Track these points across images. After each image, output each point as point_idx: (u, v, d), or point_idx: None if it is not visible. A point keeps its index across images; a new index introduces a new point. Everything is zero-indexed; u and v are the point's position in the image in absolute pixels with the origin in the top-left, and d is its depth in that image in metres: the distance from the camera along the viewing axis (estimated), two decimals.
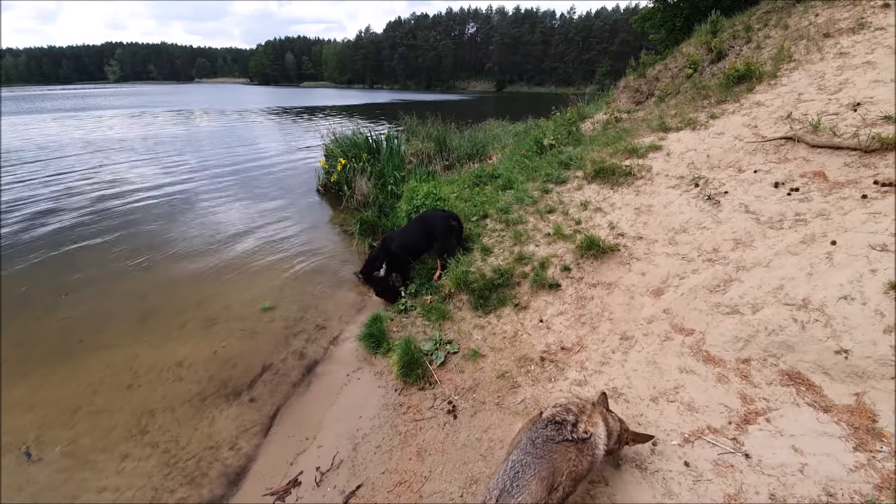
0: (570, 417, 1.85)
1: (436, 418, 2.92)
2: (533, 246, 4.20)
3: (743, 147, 4.24)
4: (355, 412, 3.15)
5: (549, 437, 1.75)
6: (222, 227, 7.33)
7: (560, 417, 1.84)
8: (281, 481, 2.67)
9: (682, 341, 2.81)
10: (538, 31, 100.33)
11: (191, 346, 4.17)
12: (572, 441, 1.75)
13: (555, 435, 1.76)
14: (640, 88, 7.61)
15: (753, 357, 2.53)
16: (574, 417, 1.86)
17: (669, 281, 3.30)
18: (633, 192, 4.44)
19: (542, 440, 1.74)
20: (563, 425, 1.80)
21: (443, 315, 3.93)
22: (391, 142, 9.39)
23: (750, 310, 2.74)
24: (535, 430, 1.80)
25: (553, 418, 1.84)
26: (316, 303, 4.89)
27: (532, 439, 1.74)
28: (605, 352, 2.98)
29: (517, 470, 1.62)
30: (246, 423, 3.21)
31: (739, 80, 5.29)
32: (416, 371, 3.28)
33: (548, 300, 3.65)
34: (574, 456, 1.72)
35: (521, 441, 1.76)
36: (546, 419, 1.85)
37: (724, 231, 3.47)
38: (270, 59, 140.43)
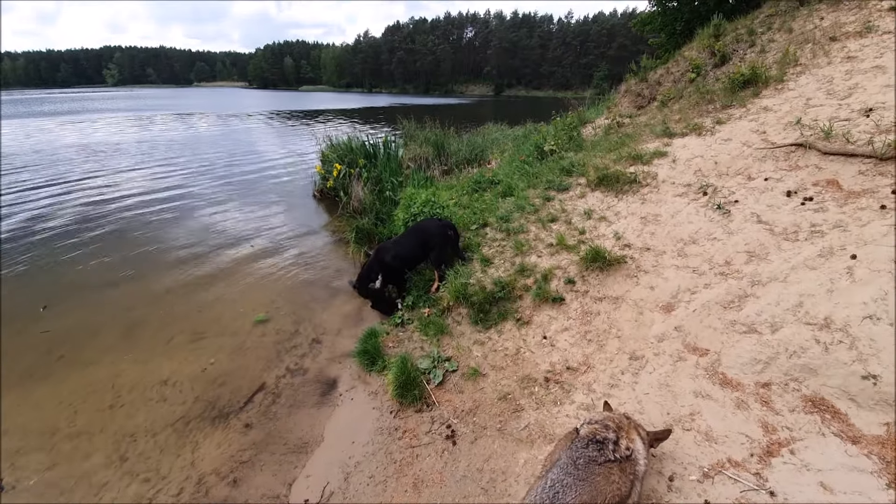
0: (611, 435, 1.77)
1: (433, 444, 2.74)
2: (535, 257, 4.03)
3: (752, 153, 4.09)
4: (348, 437, 2.96)
5: (592, 457, 1.67)
6: (216, 234, 7.14)
7: (601, 436, 1.75)
8: None
9: (697, 362, 2.63)
10: (536, 35, 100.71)
11: (177, 361, 3.98)
12: (615, 461, 1.67)
13: (597, 455, 1.67)
14: (641, 93, 7.47)
15: (774, 381, 2.36)
16: (615, 435, 1.77)
17: (680, 296, 3.13)
18: (638, 200, 4.28)
19: (584, 461, 1.65)
20: (605, 444, 1.72)
21: (441, 330, 3.76)
22: (388, 146, 9.24)
23: (768, 329, 2.57)
24: (575, 448, 1.71)
25: (593, 437, 1.76)
26: (310, 315, 4.70)
27: (573, 459, 1.66)
28: (613, 373, 2.81)
29: (557, 490, 1.54)
30: (232, 450, 3.02)
31: (745, 84, 5.15)
32: (412, 391, 3.10)
33: (551, 315, 3.47)
34: (617, 478, 1.63)
35: (562, 459, 1.67)
36: (586, 437, 1.76)
37: (737, 242, 3.31)
38: (269, 62, 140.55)
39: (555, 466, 1.67)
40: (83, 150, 15.18)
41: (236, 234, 7.12)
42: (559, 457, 1.72)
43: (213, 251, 6.39)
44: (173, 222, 7.72)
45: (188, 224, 7.65)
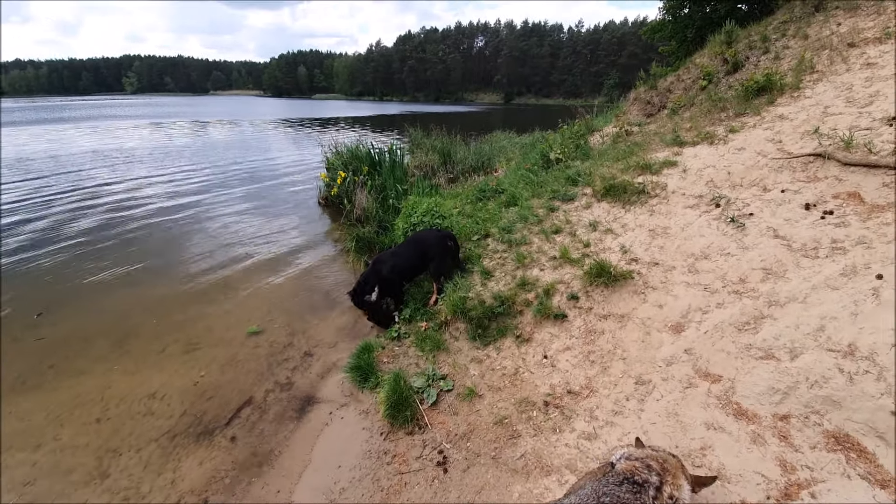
0: (654, 478, 1.49)
1: (424, 471, 2.58)
2: (537, 270, 3.86)
3: (767, 164, 3.89)
4: (335, 460, 2.81)
5: (623, 499, 1.40)
6: (217, 241, 7.10)
7: (641, 477, 1.48)
8: None
9: (708, 389, 2.44)
10: (546, 44, 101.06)
11: (168, 373, 3.88)
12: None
13: (630, 499, 1.41)
14: (651, 100, 7.30)
15: (793, 413, 2.15)
16: (658, 479, 1.49)
17: (691, 315, 2.94)
18: (646, 211, 4.10)
19: (610, 500, 1.40)
20: (645, 488, 1.45)
21: (437, 345, 3.60)
22: (394, 154, 9.17)
23: (787, 355, 2.37)
24: (605, 484, 1.46)
25: (631, 476, 1.48)
26: (305, 327, 4.59)
27: (598, 495, 1.41)
28: (617, 398, 2.62)
29: None
30: (216, 470, 2.88)
31: (759, 91, 4.96)
32: (404, 412, 2.94)
33: (553, 332, 3.30)
34: None
35: (586, 490, 1.44)
36: (622, 475, 1.49)
37: (752, 258, 3.11)
38: (283, 71, 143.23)
39: (574, 494, 1.45)
40: (98, 156, 15.46)
41: (238, 242, 7.07)
42: (584, 485, 1.49)
43: (214, 259, 6.34)
44: (178, 229, 7.72)
45: (192, 231, 7.64)
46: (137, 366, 3.99)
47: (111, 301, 5.15)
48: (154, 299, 5.20)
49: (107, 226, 7.77)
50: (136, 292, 5.35)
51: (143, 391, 3.63)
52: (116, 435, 3.21)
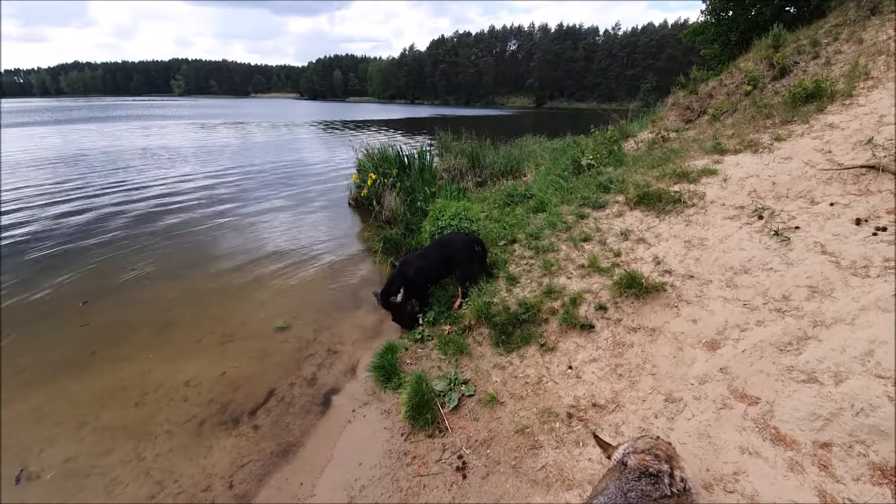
0: (665, 466, 1.55)
1: (442, 475, 2.57)
2: (564, 278, 3.79)
3: (815, 175, 3.67)
4: (356, 457, 2.85)
5: (646, 492, 1.46)
6: (252, 238, 7.39)
7: (655, 468, 1.53)
8: None
9: (745, 412, 2.31)
10: (581, 47, 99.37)
11: (203, 363, 4.06)
12: (672, 496, 1.46)
13: (651, 490, 1.46)
14: (690, 106, 7.03)
15: (836, 441, 2.01)
16: (668, 466, 1.55)
17: (727, 332, 2.80)
18: (682, 221, 3.95)
19: (636, 495, 1.45)
20: (660, 477, 1.50)
21: (460, 349, 3.60)
22: (423, 157, 9.25)
23: (832, 379, 2.22)
24: (626, 481, 1.51)
25: (646, 469, 1.54)
26: (331, 324, 4.69)
27: (623, 491, 1.46)
28: (645, 415, 2.53)
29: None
30: (243, 458, 2.99)
31: (808, 98, 4.68)
32: (425, 415, 2.95)
33: (579, 343, 3.22)
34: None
35: (610, 490, 1.49)
36: (637, 470, 1.54)
37: (797, 275, 2.93)
38: (320, 75, 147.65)
39: (601, 495, 1.49)
40: (146, 153, 16.43)
41: (271, 240, 7.33)
42: (606, 486, 1.53)
43: (249, 256, 6.58)
44: (216, 226, 8.07)
45: (229, 228, 7.98)
46: (176, 354, 4.20)
47: (153, 292, 5.44)
48: (193, 292, 5.45)
49: (150, 220, 8.23)
50: (176, 285, 5.63)
51: (179, 379, 3.81)
52: (153, 419, 3.38)
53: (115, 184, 11.07)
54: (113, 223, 7.98)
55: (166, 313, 4.96)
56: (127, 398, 3.62)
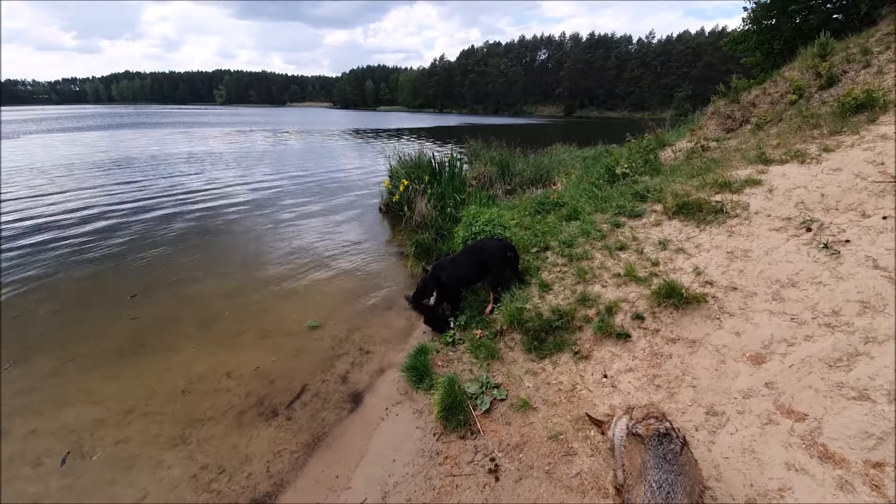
0: (667, 424, 1.79)
1: (475, 476, 2.59)
2: (599, 286, 3.76)
3: (867, 187, 3.51)
4: (389, 454, 2.91)
5: (674, 450, 1.68)
6: (289, 241, 7.69)
7: (662, 429, 1.76)
8: None
9: (791, 428, 2.23)
10: (613, 55, 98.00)
11: (242, 356, 4.24)
12: (684, 445, 1.70)
13: (675, 447, 1.69)
14: (732, 115, 6.83)
15: (888, 461, 1.91)
16: (668, 423, 1.80)
17: (773, 346, 2.71)
18: (724, 232, 3.85)
19: (671, 455, 1.65)
20: (670, 435, 1.73)
21: (492, 354, 3.62)
22: (453, 164, 9.38)
23: (884, 397, 2.11)
24: (656, 449, 1.70)
25: (657, 432, 1.75)
26: (363, 324, 4.81)
27: (663, 456, 1.66)
28: (685, 427, 2.47)
29: (667, 490, 1.54)
30: (280, 447, 3.11)
31: (858, 108, 4.49)
32: (457, 416, 2.99)
33: (614, 352, 3.18)
34: (695, 462, 1.70)
35: (650, 461, 1.67)
36: (654, 437, 1.74)
37: (847, 289, 2.81)
38: (352, 85, 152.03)
39: (648, 469, 1.63)
40: (191, 158, 17.39)
41: (307, 243, 7.60)
42: (645, 461, 1.68)
43: (286, 258, 6.85)
44: (256, 229, 8.46)
45: (268, 231, 8.34)
46: (219, 347, 4.42)
47: (200, 288, 5.75)
48: (234, 290, 5.72)
49: (196, 221, 8.70)
50: (219, 283, 5.92)
51: (221, 370, 4.01)
52: (197, 407, 3.56)
53: (164, 187, 11.79)
54: (162, 224, 8.50)
55: (211, 308, 5.22)
56: (173, 386, 3.83)
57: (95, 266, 6.42)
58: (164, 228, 8.17)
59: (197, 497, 2.74)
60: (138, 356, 4.28)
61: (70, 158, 16.79)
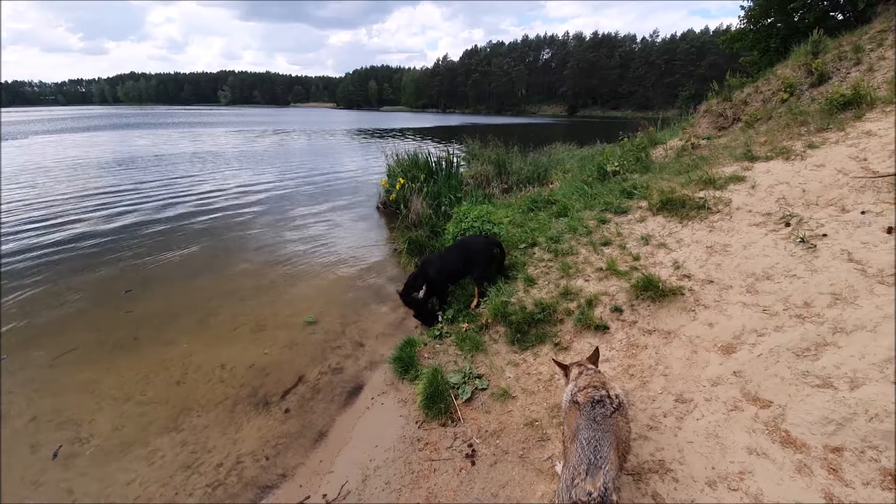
0: (603, 392, 2.02)
1: (452, 461, 2.69)
2: (582, 280, 3.84)
3: (848, 183, 3.56)
4: (372, 440, 3.01)
5: (603, 413, 1.92)
6: (287, 238, 7.83)
7: (598, 396, 2.01)
8: (288, 502, 2.60)
9: (756, 414, 2.30)
10: (617, 54, 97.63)
11: (238, 348, 4.36)
12: (616, 409, 1.96)
13: (605, 411, 1.93)
14: (723, 113, 6.87)
15: (847, 446, 1.98)
16: (605, 391, 2.04)
17: (744, 337, 2.78)
18: (705, 227, 3.91)
19: (599, 417, 1.90)
20: (604, 402, 1.97)
21: (476, 346, 3.71)
22: (450, 163, 9.47)
23: (847, 385, 2.18)
24: (588, 412, 1.95)
25: (594, 400, 1.99)
26: (357, 319, 4.92)
27: (593, 419, 1.90)
28: (654, 413, 2.55)
29: (595, 445, 1.76)
30: (270, 436, 3.22)
31: (846, 105, 4.53)
32: (439, 405, 3.08)
33: (593, 343, 3.26)
34: (623, 422, 1.97)
35: (582, 423, 1.91)
36: (588, 403, 1.99)
37: (820, 282, 2.87)
38: (356, 85, 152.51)
39: (582, 429, 1.87)
40: (195, 157, 17.60)
41: (304, 239, 7.74)
42: (580, 423, 1.92)
43: (283, 253, 6.99)
44: (254, 225, 8.60)
45: (266, 227, 8.48)
46: (214, 340, 4.54)
47: (198, 283, 5.89)
48: (232, 285, 5.85)
49: (194, 217, 8.86)
50: (217, 278, 6.06)
51: (216, 361, 4.13)
52: (191, 396, 3.68)
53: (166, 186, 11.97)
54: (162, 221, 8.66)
55: (207, 303, 5.35)
56: (169, 377, 3.95)
57: (95, 261, 6.57)
58: (165, 226, 8.33)
59: (186, 480, 2.85)
60: (137, 348, 4.40)
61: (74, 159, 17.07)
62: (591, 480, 1.63)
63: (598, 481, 1.62)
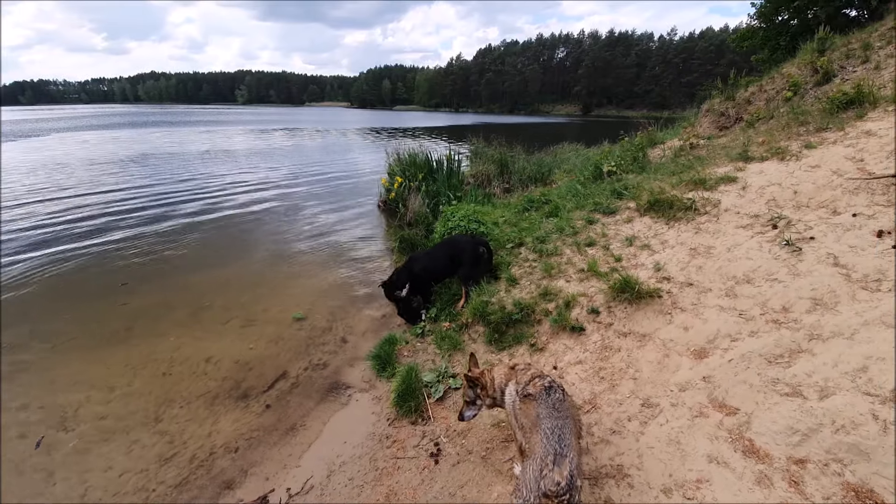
0: (547, 380, 2.08)
1: (417, 459, 2.69)
2: (563, 281, 3.79)
3: (842, 184, 3.44)
4: (342, 436, 3.04)
5: (559, 398, 1.97)
6: (285, 235, 7.93)
7: (546, 383, 2.05)
8: (252, 496, 2.64)
9: (720, 421, 2.24)
10: (633, 53, 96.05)
11: (226, 342, 4.44)
12: (564, 392, 2.03)
13: (559, 395, 1.99)
14: (726, 112, 6.71)
15: (811, 458, 1.92)
16: (549, 379, 2.09)
17: (718, 341, 2.71)
18: (691, 229, 3.83)
19: (556, 404, 1.94)
20: (554, 387, 2.04)
21: (455, 345, 3.70)
22: (451, 162, 9.45)
23: (816, 394, 2.11)
24: (545, 400, 1.97)
25: (546, 387, 2.03)
26: (345, 315, 4.95)
27: (552, 406, 1.93)
28: (619, 417, 2.51)
29: (559, 434, 1.79)
30: (245, 428, 3.27)
31: (847, 104, 4.38)
32: (410, 403, 3.09)
33: (567, 345, 3.23)
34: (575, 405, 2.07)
35: (543, 412, 1.92)
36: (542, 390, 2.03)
37: (801, 286, 2.78)
38: (370, 85, 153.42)
39: (542, 419, 1.89)
40: (208, 155, 17.95)
41: (302, 236, 7.84)
42: (540, 412, 1.93)
43: (280, 250, 7.09)
44: (259, 221, 8.75)
45: (267, 224, 8.61)
46: (204, 333, 4.62)
47: (196, 277, 6.01)
48: (228, 280, 5.96)
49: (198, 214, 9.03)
50: (214, 272, 6.18)
51: (202, 355, 4.20)
52: (174, 388, 3.76)
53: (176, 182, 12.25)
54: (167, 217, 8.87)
55: (203, 297, 5.45)
56: (156, 369, 4.04)
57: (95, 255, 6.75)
58: (168, 221, 8.51)
59: (159, 469, 2.92)
60: (128, 340, 4.51)
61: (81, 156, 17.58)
62: (559, 470, 1.64)
63: (564, 470, 1.64)
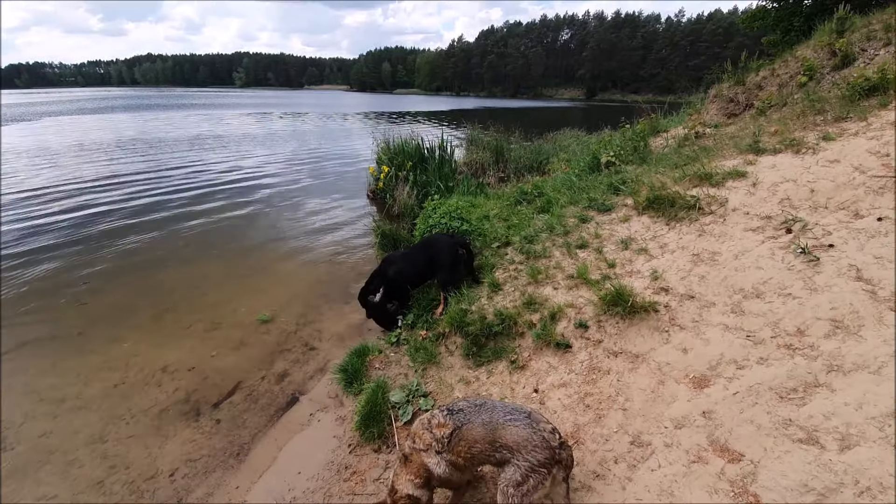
0: (435, 419, 2.08)
1: (377, 496, 2.37)
2: (550, 288, 3.42)
3: (865, 182, 3.03)
4: (297, 465, 2.72)
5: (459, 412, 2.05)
6: (266, 228, 7.59)
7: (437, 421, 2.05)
8: None
9: (722, 469, 1.90)
10: (639, 35, 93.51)
11: (184, 349, 4.12)
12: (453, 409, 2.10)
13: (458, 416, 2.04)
14: (735, 98, 6.23)
15: None
16: (429, 415, 2.12)
17: (721, 368, 2.35)
18: (694, 231, 3.44)
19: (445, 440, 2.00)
20: (435, 414, 2.09)
21: (430, 358, 3.36)
22: (443, 150, 8.98)
23: (836, 443, 1.76)
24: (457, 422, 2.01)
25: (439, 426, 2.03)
26: (316, 318, 4.62)
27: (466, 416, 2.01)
28: (604, 457, 2.17)
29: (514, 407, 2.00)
30: (192, 453, 2.96)
31: (870, 91, 3.93)
32: (373, 428, 2.76)
33: (551, 363, 2.88)
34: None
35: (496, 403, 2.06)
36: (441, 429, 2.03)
37: (819, 304, 2.41)
38: (370, 67, 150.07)
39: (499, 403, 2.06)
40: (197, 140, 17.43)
41: (284, 230, 7.46)
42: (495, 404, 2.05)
43: (259, 246, 6.72)
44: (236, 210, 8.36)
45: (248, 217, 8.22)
46: (164, 339, 4.30)
47: (163, 275, 5.66)
48: (197, 277, 5.62)
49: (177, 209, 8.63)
50: (184, 269, 5.83)
51: (159, 364, 3.88)
52: (125, 402, 3.45)
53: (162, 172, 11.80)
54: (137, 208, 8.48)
55: (169, 297, 5.12)
56: (109, 378, 3.73)
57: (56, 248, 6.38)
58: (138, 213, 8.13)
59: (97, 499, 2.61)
60: (85, 346, 4.18)
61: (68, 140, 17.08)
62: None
63: None
